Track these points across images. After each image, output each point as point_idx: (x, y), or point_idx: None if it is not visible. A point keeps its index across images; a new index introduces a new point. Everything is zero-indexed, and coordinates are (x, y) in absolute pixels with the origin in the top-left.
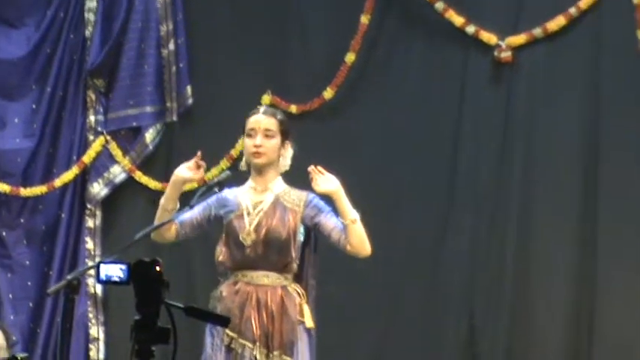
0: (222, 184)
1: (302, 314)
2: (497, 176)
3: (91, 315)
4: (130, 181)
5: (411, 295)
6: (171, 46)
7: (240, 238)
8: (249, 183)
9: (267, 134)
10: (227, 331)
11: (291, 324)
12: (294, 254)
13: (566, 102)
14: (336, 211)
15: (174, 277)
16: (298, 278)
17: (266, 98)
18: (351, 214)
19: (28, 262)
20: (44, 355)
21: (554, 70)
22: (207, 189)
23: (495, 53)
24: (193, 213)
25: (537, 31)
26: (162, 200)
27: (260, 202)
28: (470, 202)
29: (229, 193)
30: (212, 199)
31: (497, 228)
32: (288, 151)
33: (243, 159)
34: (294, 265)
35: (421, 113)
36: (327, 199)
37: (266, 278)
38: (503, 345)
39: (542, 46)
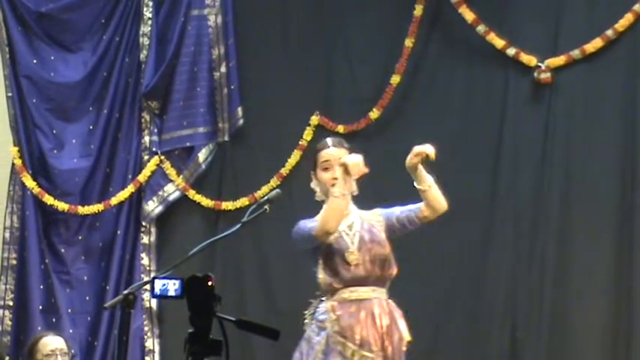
0: (272, 202)
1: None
2: (537, 193)
3: (146, 328)
4: (184, 199)
5: (457, 307)
6: (223, 68)
7: (347, 258)
8: None
9: None
10: (349, 344)
11: (399, 334)
12: (395, 266)
13: (603, 121)
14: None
15: (225, 291)
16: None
17: (314, 119)
18: (429, 179)
19: (86, 278)
20: None
21: (592, 90)
22: (257, 206)
23: (535, 74)
24: None
25: (575, 53)
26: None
27: (351, 223)
28: (511, 218)
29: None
30: None
31: (537, 243)
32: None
33: (318, 190)
34: (394, 276)
35: (463, 132)
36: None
37: (373, 292)
38: (544, 355)
39: (580, 67)
